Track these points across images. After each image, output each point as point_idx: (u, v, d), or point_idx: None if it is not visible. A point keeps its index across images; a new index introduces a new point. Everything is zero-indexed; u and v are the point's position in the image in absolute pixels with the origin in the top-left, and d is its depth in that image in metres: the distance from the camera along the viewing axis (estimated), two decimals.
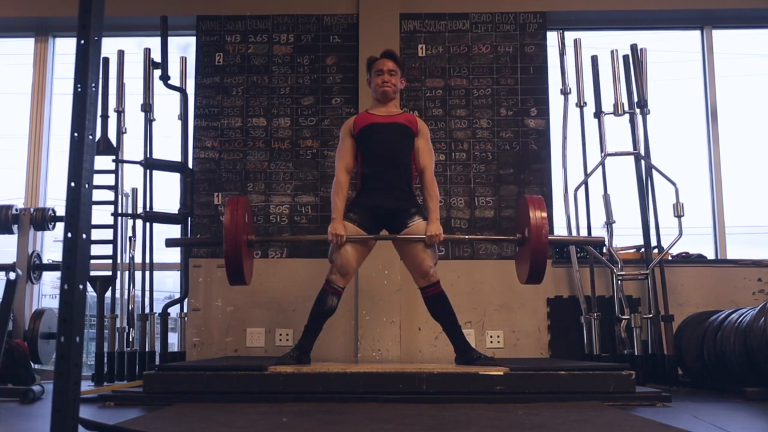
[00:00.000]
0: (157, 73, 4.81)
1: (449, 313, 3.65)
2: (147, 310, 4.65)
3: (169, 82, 4.84)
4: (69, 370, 1.53)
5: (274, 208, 5.08)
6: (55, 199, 5.37)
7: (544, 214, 3.35)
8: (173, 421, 2.49)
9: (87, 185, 1.60)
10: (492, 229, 5.01)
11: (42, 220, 4.82)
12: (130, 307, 4.63)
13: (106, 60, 4.80)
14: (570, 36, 4.92)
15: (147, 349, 4.57)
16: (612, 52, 4.81)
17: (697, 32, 5.45)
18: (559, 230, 4.98)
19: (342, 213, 3.66)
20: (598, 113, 4.76)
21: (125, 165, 4.68)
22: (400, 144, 3.72)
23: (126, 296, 4.65)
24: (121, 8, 5.27)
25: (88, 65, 1.63)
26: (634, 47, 4.80)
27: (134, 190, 4.73)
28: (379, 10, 5.18)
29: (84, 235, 1.59)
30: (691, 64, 5.44)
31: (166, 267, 4.99)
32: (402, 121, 3.75)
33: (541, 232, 3.29)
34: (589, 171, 4.69)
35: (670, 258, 4.91)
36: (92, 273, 4.40)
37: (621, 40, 5.18)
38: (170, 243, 4.18)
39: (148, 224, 4.71)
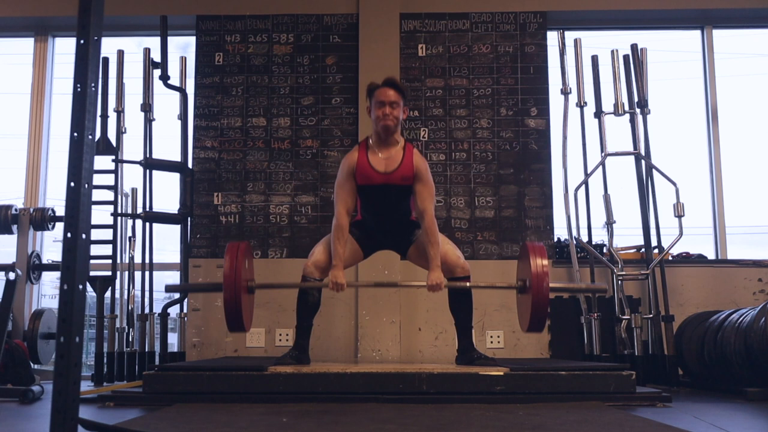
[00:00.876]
0: (157, 72, 4.80)
1: (468, 311, 3.63)
2: (147, 310, 4.65)
3: (169, 81, 4.84)
4: (68, 371, 1.53)
5: (274, 208, 5.07)
6: (55, 199, 5.37)
7: (546, 263, 3.33)
8: (173, 422, 2.48)
9: (87, 185, 1.60)
10: (492, 229, 5.00)
11: (41, 220, 4.81)
12: (129, 308, 4.63)
13: (106, 60, 4.80)
14: (570, 36, 4.92)
15: (147, 350, 4.57)
16: (612, 51, 4.81)
17: (698, 32, 5.45)
18: (560, 230, 4.99)
19: (343, 259, 3.54)
20: (599, 113, 4.76)
21: (125, 165, 4.68)
22: (398, 203, 3.62)
23: (126, 296, 4.65)
24: (120, 8, 5.27)
25: (87, 65, 1.62)
26: (634, 47, 4.80)
27: (134, 190, 4.73)
28: (379, 10, 5.18)
29: (84, 235, 1.58)
30: (692, 63, 5.44)
31: (165, 267, 4.99)
32: (398, 181, 3.53)
33: (543, 283, 3.27)
34: (589, 171, 4.69)
35: (670, 258, 4.91)
36: (92, 273, 4.40)
37: (621, 40, 5.19)
38: (170, 289, 4.19)
39: (147, 224, 4.71)
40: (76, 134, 1.60)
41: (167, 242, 4.97)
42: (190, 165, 4.93)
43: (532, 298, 3.28)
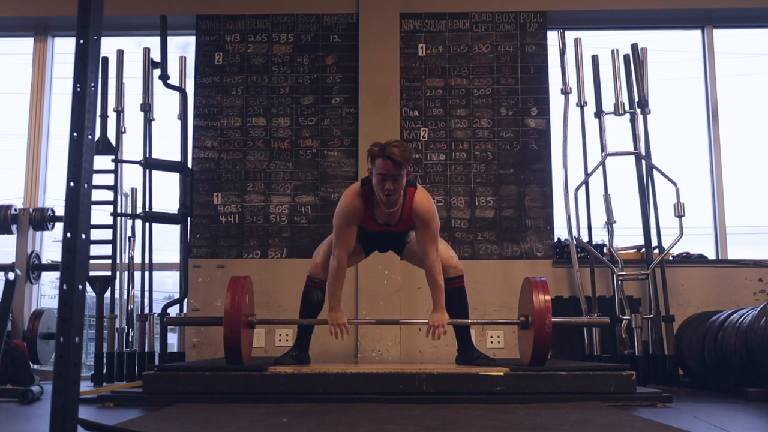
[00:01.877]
0: (157, 72, 4.80)
1: (465, 311, 3.63)
2: (146, 311, 4.65)
3: (169, 81, 4.83)
4: (68, 371, 1.52)
5: (273, 208, 5.07)
6: (54, 199, 5.37)
7: (548, 298, 3.33)
8: (173, 422, 2.48)
9: (86, 185, 1.60)
10: (492, 229, 5.00)
11: (41, 220, 4.81)
12: (129, 308, 4.63)
13: (106, 59, 4.79)
14: (570, 35, 4.91)
15: (146, 350, 4.56)
16: (612, 51, 4.80)
17: (698, 32, 5.45)
18: (560, 230, 4.99)
19: (340, 301, 3.50)
20: (599, 113, 4.76)
21: (124, 165, 4.67)
22: (398, 243, 3.69)
23: (125, 296, 4.64)
24: (120, 8, 5.26)
25: (87, 65, 1.62)
26: (634, 47, 4.80)
27: (133, 190, 4.72)
28: (379, 10, 5.17)
29: (83, 235, 1.58)
30: (692, 63, 5.44)
31: (165, 267, 4.98)
32: (401, 229, 3.53)
33: (545, 320, 3.27)
34: (589, 171, 4.68)
35: (670, 258, 4.91)
36: (91, 273, 4.39)
37: (621, 40, 5.18)
38: (169, 322, 4.17)
39: (147, 224, 4.71)
40: (75, 134, 1.59)
41: (167, 242, 4.97)
42: (189, 165, 4.92)
43: (534, 335, 3.27)
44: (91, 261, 4.31)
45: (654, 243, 4.68)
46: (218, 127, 5.18)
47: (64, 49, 5.57)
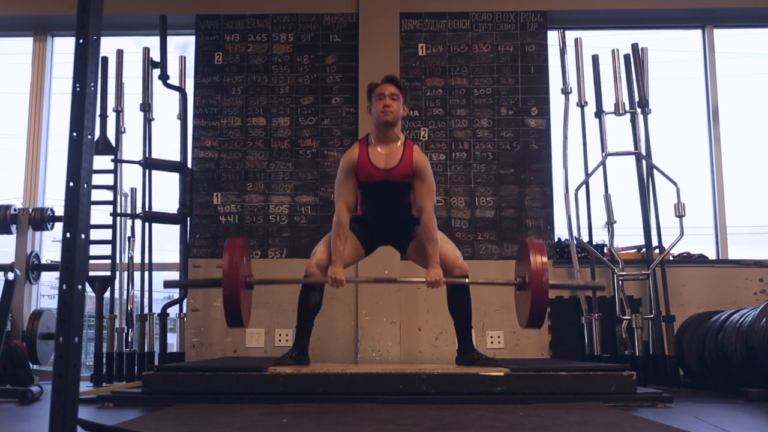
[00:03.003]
0: (156, 72, 4.80)
1: (467, 311, 3.62)
2: (146, 311, 4.65)
3: (168, 81, 4.83)
4: (68, 371, 1.52)
5: (273, 208, 5.06)
6: (54, 199, 5.36)
7: (545, 260, 3.33)
8: (172, 422, 2.47)
9: (86, 185, 1.59)
10: (492, 229, 4.99)
11: (40, 220, 4.80)
12: (129, 308, 4.62)
13: (105, 59, 4.80)
14: (571, 35, 4.91)
15: (146, 350, 4.56)
16: (613, 51, 4.80)
17: (699, 31, 5.44)
18: (560, 230, 4.98)
19: (342, 256, 3.54)
20: (599, 113, 4.75)
21: (124, 165, 4.67)
22: (399, 199, 3.63)
23: (125, 296, 4.64)
24: (120, 7, 5.26)
25: (86, 64, 1.61)
26: (635, 46, 4.79)
27: (133, 190, 4.72)
28: (379, 10, 5.17)
29: (83, 235, 1.57)
30: (693, 63, 5.43)
31: (165, 267, 4.97)
32: (398, 179, 3.53)
33: (542, 279, 3.27)
34: (590, 171, 4.68)
35: (671, 258, 4.90)
36: (91, 273, 4.39)
37: (622, 40, 5.18)
38: (169, 285, 4.18)
39: (147, 224, 4.70)
40: (75, 134, 1.59)
41: (167, 242, 4.97)
42: (189, 165, 4.92)
43: (531, 295, 3.28)
44: (91, 261, 4.31)
45: (654, 243, 4.68)
46: (218, 127, 5.17)
47: (63, 48, 5.57)
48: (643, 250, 4.78)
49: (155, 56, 4.81)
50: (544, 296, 3.27)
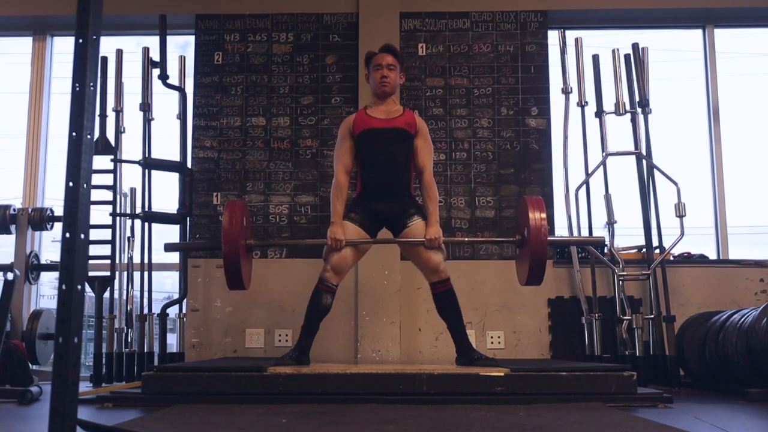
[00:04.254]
0: (156, 72, 4.79)
1: (456, 313, 3.63)
2: (146, 311, 4.64)
3: (168, 81, 4.83)
4: (67, 371, 1.52)
5: (273, 208, 5.06)
6: (54, 198, 5.36)
7: (544, 215, 3.35)
8: (172, 423, 2.47)
9: (85, 185, 1.59)
10: (492, 229, 4.99)
11: (40, 220, 4.80)
12: (128, 308, 4.62)
13: (105, 59, 4.79)
14: (571, 35, 4.91)
15: (146, 350, 4.56)
16: (613, 51, 4.80)
17: (699, 31, 5.44)
18: (560, 230, 4.97)
19: (341, 216, 3.62)
20: (600, 112, 4.75)
21: (124, 165, 4.67)
22: (399, 150, 3.65)
23: (125, 297, 4.63)
24: (119, 7, 5.25)
25: (86, 64, 1.61)
26: (635, 46, 4.79)
27: (133, 190, 4.71)
28: (379, 9, 5.16)
29: (82, 236, 1.57)
30: (693, 63, 5.43)
31: (164, 267, 4.98)
32: (401, 125, 3.64)
33: (540, 233, 3.28)
34: (590, 171, 4.68)
35: (671, 258, 4.90)
36: (91, 273, 4.38)
37: (622, 39, 5.18)
38: (169, 248, 4.16)
39: (146, 224, 4.70)
40: (74, 134, 1.59)
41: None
42: (189, 165, 4.92)
43: (531, 249, 3.28)
44: (91, 261, 4.31)
45: (655, 243, 4.67)
46: (218, 126, 5.17)
47: (63, 48, 5.56)
48: (644, 250, 4.77)
49: (155, 56, 4.80)
50: (544, 250, 3.30)
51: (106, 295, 4.55)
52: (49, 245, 5.34)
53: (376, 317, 4.77)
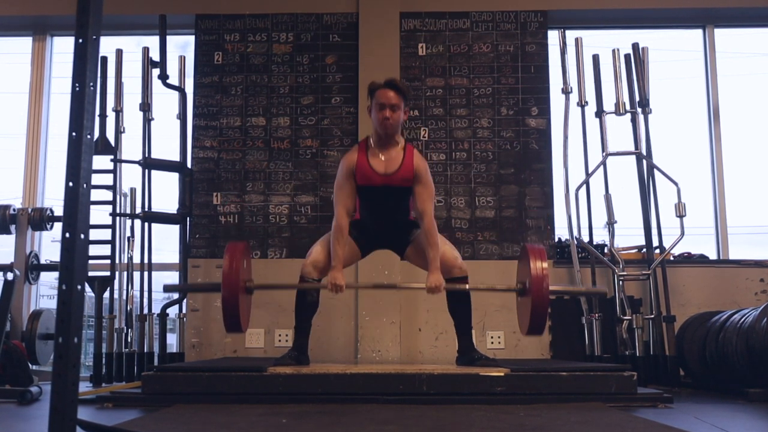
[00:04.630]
0: (156, 72, 4.79)
1: (467, 312, 3.61)
2: (145, 311, 4.64)
3: (168, 81, 4.83)
4: (67, 371, 1.51)
5: (273, 208, 5.06)
6: (53, 198, 5.35)
7: (546, 266, 3.31)
8: (172, 423, 2.47)
9: (85, 185, 1.58)
10: (492, 229, 4.99)
11: (40, 220, 4.80)
12: (128, 308, 4.61)
13: (105, 59, 4.79)
14: (571, 35, 4.90)
15: (145, 350, 4.55)
16: (613, 51, 4.79)
17: (699, 31, 5.44)
18: (560, 230, 4.97)
19: (342, 261, 3.52)
20: (600, 112, 4.75)
21: (124, 165, 4.67)
22: (397, 201, 3.59)
23: (124, 297, 4.63)
24: (119, 7, 5.25)
25: (86, 64, 1.61)
26: (635, 46, 4.79)
27: (133, 190, 4.71)
28: (379, 9, 5.16)
29: (82, 236, 1.57)
30: (693, 63, 5.43)
31: (164, 267, 4.97)
32: (399, 183, 3.49)
33: (542, 285, 3.25)
34: (590, 171, 4.67)
35: (671, 258, 4.90)
36: (90, 273, 4.38)
37: (622, 39, 5.17)
38: (168, 289, 4.17)
39: (146, 224, 4.70)
40: (74, 134, 1.58)
41: (166, 242, 4.96)
42: (189, 165, 4.92)
43: (532, 301, 3.26)
44: (90, 261, 4.30)
45: (655, 243, 4.67)
46: (218, 126, 5.16)
47: (62, 48, 5.56)
48: (644, 250, 4.77)
49: (155, 56, 4.80)
50: (545, 303, 3.26)
51: (106, 295, 4.54)
52: (49, 245, 5.34)
53: (376, 317, 4.77)
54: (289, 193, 5.07)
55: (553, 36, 5.21)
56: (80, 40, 1.62)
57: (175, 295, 4.73)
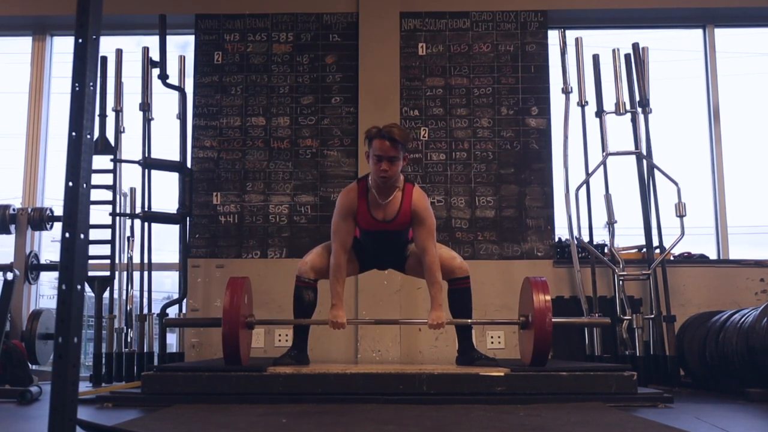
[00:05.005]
0: (156, 72, 4.79)
1: (468, 312, 3.61)
2: (145, 311, 4.63)
3: (168, 81, 4.82)
4: (67, 371, 1.51)
5: (273, 208, 5.05)
6: (53, 198, 5.35)
7: (548, 298, 3.31)
8: (172, 423, 2.47)
9: (85, 185, 1.58)
10: (492, 229, 4.98)
11: (40, 220, 4.79)
12: (128, 308, 4.61)
13: (104, 59, 4.79)
14: (571, 35, 4.90)
15: (145, 350, 4.55)
16: (614, 50, 4.79)
17: (700, 31, 5.43)
18: (561, 230, 4.97)
19: (342, 299, 3.52)
20: (600, 112, 4.74)
21: (123, 164, 4.66)
22: (396, 241, 3.59)
23: (124, 297, 4.63)
24: (119, 7, 5.24)
25: (86, 64, 1.61)
26: (635, 46, 4.79)
27: (132, 190, 4.71)
28: (379, 9, 5.16)
29: (82, 235, 1.56)
30: (694, 62, 5.42)
31: (164, 267, 4.97)
32: (398, 228, 3.47)
33: (545, 320, 3.25)
34: (590, 170, 4.67)
35: (672, 258, 4.89)
36: (90, 273, 4.38)
37: (623, 39, 5.17)
38: (168, 323, 4.15)
39: (146, 224, 4.69)
40: (74, 134, 1.58)
41: (166, 242, 4.96)
42: (189, 165, 4.91)
43: (535, 335, 3.25)
44: (90, 261, 4.30)
45: (655, 243, 4.67)
46: (217, 126, 5.16)
47: (62, 48, 5.56)
48: (644, 249, 4.77)
49: (155, 56, 4.80)
50: (548, 337, 3.25)
51: (106, 295, 4.54)
52: (49, 245, 5.34)
53: (376, 317, 4.76)
54: (289, 193, 5.07)
55: (553, 36, 5.20)
56: (80, 40, 1.62)
57: (175, 295, 4.73)
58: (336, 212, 3.47)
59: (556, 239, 5.00)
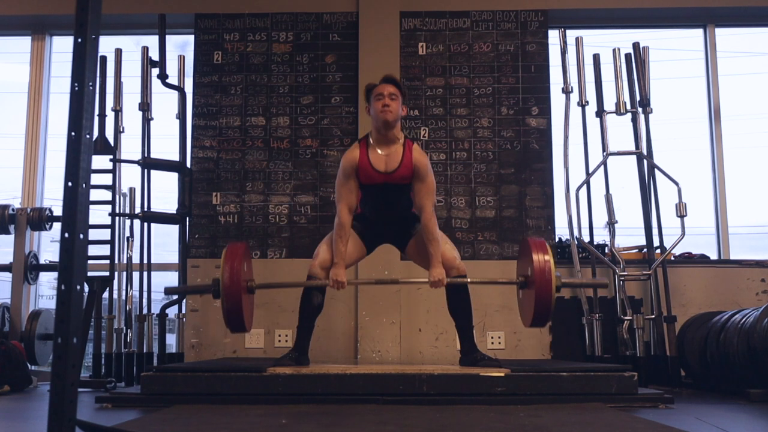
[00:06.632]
0: (155, 71, 4.78)
1: (467, 312, 3.61)
2: (145, 311, 4.63)
3: (167, 80, 4.81)
4: (66, 372, 1.51)
5: (273, 208, 5.05)
6: (52, 198, 5.35)
7: (548, 257, 3.30)
8: (171, 423, 2.46)
9: (84, 185, 1.58)
10: (493, 229, 4.98)
11: (39, 220, 4.79)
12: (127, 308, 4.61)
13: (104, 58, 4.78)
14: (572, 34, 4.90)
15: (145, 350, 4.54)
16: (614, 50, 4.79)
17: (700, 30, 5.43)
18: (561, 230, 4.97)
19: (344, 258, 3.54)
20: (600, 112, 4.74)
21: (123, 164, 4.66)
22: (399, 199, 3.61)
23: (124, 297, 4.62)
24: (118, 6, 5.24)
25: (85, 64, 1.60)
26: (636, 45, 4.78)
27: (132, 190, 4.70)
28: (379, 8, 5.15)
29: (81, 236, 1.56)
30: (694, 62, 5.42)
31: (164, 267, 4.96)
32: (399, 180, 3.52)
33: (546, 276, 3.24)
34: (591, 170, 4.67)
35: (672, 258, 4.89)
36: (90, 273, 4.37)
37: (623, 39, 5.17)
38: (169, 291, 4.17)
39: (146, 224, 4.69)
40: (73, 133, 1.58)
41: (165, 242, 4.95)
42: (188, 164, 4.90)
43: (536, 292, 3.25)
44: (90, 261, 4.30)
45: (656, 243, 4.66)
46: (217, 126, 5.16)
47: (62, 47, 5.55)
48: (645, 250, 4.77)
49: (154, 55, 4.79)
50: (549, 293, 3.24)
51: (106, 295, 4.53)
52: (48, 245, 5.33)
53: (376, 317, 4.76)
54: (288, 193, 5.07)
55: (553, 35, 5.20)
56: (79, 40, 1.61)
57: (175, 296, 4.72)
58: (339, 172, 3.57)
59: (557, 239, 4.99)
